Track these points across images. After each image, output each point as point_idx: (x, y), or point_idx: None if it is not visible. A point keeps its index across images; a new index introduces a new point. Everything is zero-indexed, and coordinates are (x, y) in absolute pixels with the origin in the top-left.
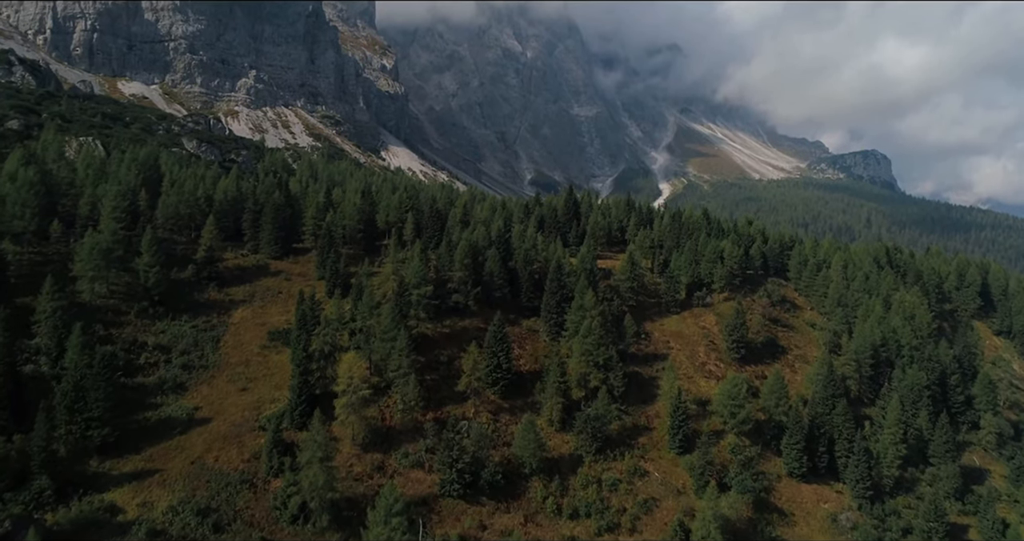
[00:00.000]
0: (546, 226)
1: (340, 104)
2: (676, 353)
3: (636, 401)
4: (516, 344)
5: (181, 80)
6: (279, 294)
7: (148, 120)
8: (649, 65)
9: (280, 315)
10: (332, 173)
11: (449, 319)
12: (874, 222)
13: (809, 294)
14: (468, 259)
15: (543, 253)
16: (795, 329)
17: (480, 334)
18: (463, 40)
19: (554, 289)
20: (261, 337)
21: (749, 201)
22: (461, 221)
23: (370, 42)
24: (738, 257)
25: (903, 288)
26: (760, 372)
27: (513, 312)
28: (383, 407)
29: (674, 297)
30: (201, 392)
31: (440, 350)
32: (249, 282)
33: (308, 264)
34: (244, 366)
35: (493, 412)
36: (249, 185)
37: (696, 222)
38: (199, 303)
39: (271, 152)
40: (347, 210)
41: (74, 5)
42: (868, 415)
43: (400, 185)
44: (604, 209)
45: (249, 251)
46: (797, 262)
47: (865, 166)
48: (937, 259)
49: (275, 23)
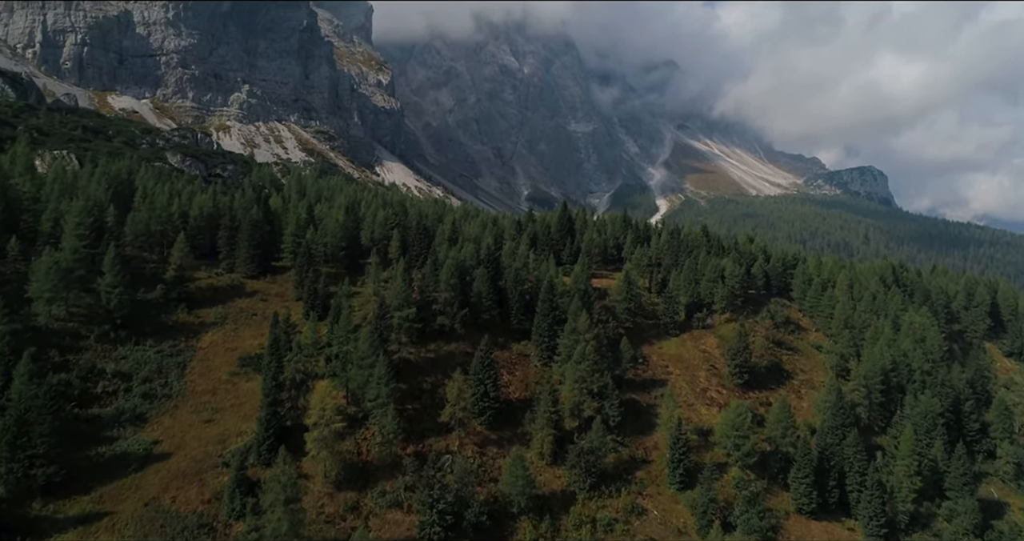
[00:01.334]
0: (539, 244)
1: (334, 119)
2: (675, 379)
3: (633, 431)
4: (505, 370)
5: (172, 94)
6: (253, 316)
7: (131, 134)
8: (646, 81)
9: (253, 339)
10: (321, 188)
11: (434, 343)
12: (872, 238)
13: (814, 315)
14: (455, 279)
15: (535, 272)
16: (800, 352)
17: (467, 359)
18: (460, 56)
19: (546, 311)
20: (231, 363)
21: (747, 217)
22: (449, 238)
23: (366, 58)
24: (740, 276)
25: (911, 308)
26: (764, 398)
27: (502, 335)
28: (360, 440)
29: (673, 318)
30: (162, 424)
31: (423, 377)
32: (222, 303)
33: (286, 284)
34: (211, 395)
35: (479, 444)
36: (226, 200)
37: (695, 239)
38: (166, 326)
39: (259, 167)
40: (329, 227)
41: (64, 19)
42: (879, 444)
43: (390, 201)
44: (600, 226)
45: (224, 270)
46: (801, 281)
47: (862, 182)
48: (944, 278)
49: (269, 38)
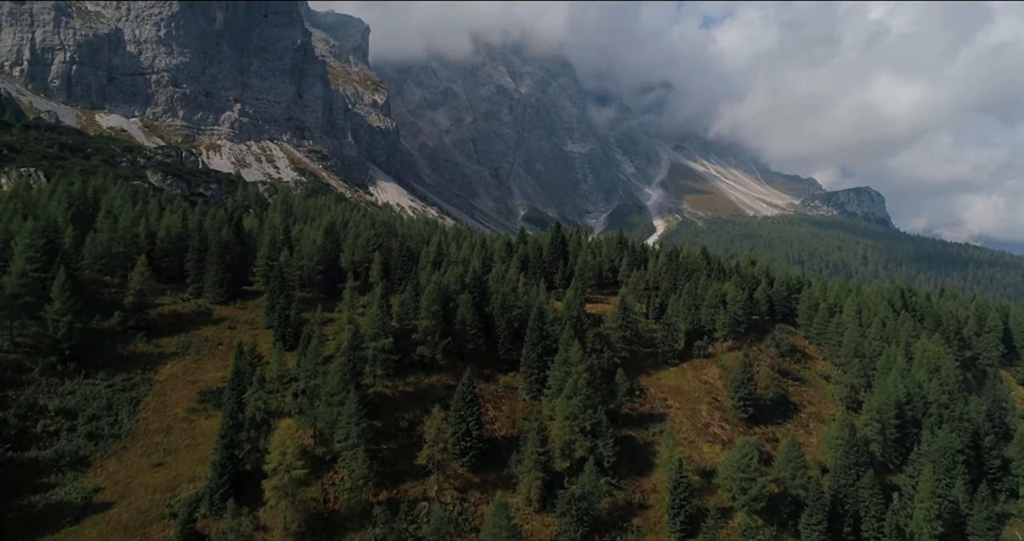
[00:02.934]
0: (530, 267)
1: (328, 138)
2: (675, 413)
3: (630, 472)
4: (491, 404)
5: (163, 113)
6: (219, 345)
7: (111, 151)
8: (642, 102)
9: (217, 371)
10: (308, 208)
11: (413, 375)
12: (870, 259)
13: (821, 342)
14: (436, 305)
15: (524, 298)
16: (807, 382)
17: (449, 393)
18: (457, 77)
19: (535, 340)
20: (190, 398)
21: (744, 238)
22: (434, 261)
23: (362, 78)
24: (742, 301)
25: (924, 335)
26: (771, 434)
27: (488, 366)
28: (327, 485)
29: (672, 347)
30: (106, 468)
31: (400, 413)
32: (185, 331)
33: (257, 310)
34: (164, 434)
35: (460, 489)
36: (195, 220)
37: (695, 262)
38: (121, 357)
39: (245, 186)
40: (306, 248)
41: (53, 36)
42: (895, 484)
43: (375, 221)
44: (594, 247)
45: (191, 295)
46: (806, 307)
47: (859, 203)
48: (954, 302)
49: (262, 57)
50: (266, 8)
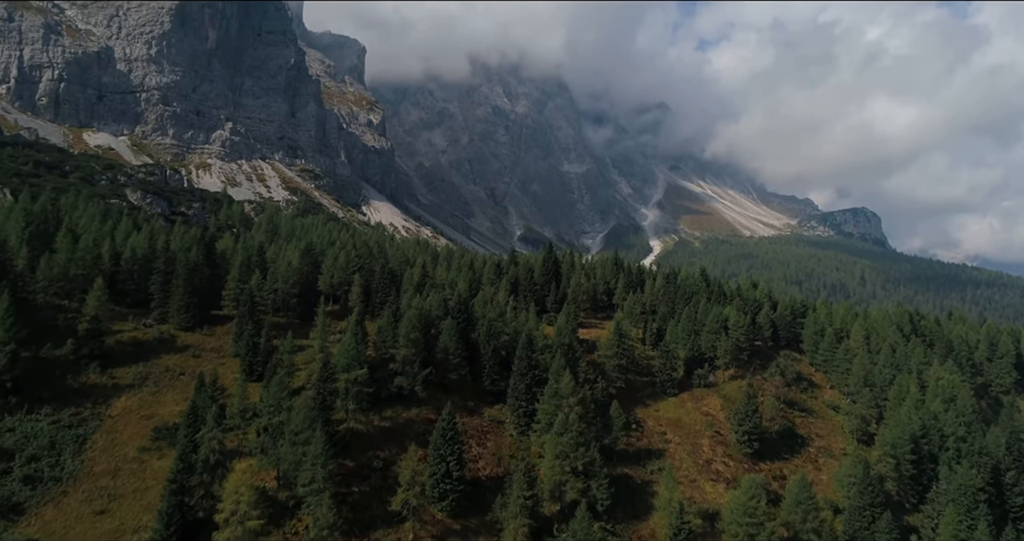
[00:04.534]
0: (521, 289)
1: (321, 158)
2: (675, 448)
3: (626, 516)
4: (474, 440)
5: (152, 131)
6: (181, 376)
7: (91, 169)
8: (638, 123)
9: (176, 404)
10: (295, 228)
11: (390, 409)
12: (868, 280)
13: (828, 370)
14: (417, 333)
15: (512, 323)
16: (815, 413)
17: (429, 428)
18: (453, 97)
19: (523, 370)
20: (144, 435)
21: (741, 258)
22: (419, 284)
23: (357, 98)
24: (744, 327)
25: (936, 362)
26: (778, 470)
27: (472, 398)
28: (289, 534)
29: (670, 375)
30: (42, 517)
31: (375, 451)
32: (145, 360)
33: (226, 337)
34: (111, 477)
35: (439, 537)
36: (163, 240)
37: (694, 284)
38: (71, 390)
39: (230, 204)
40: (281, 271)
41: (42, 54)
42: (913, 525)
43: (359, 241)
44: (588, 269)
45: (155, 321)
46: (812, 332)
47: (855, 223)
48: (963, 326)
49: (255, 76)
50: (260, 27)
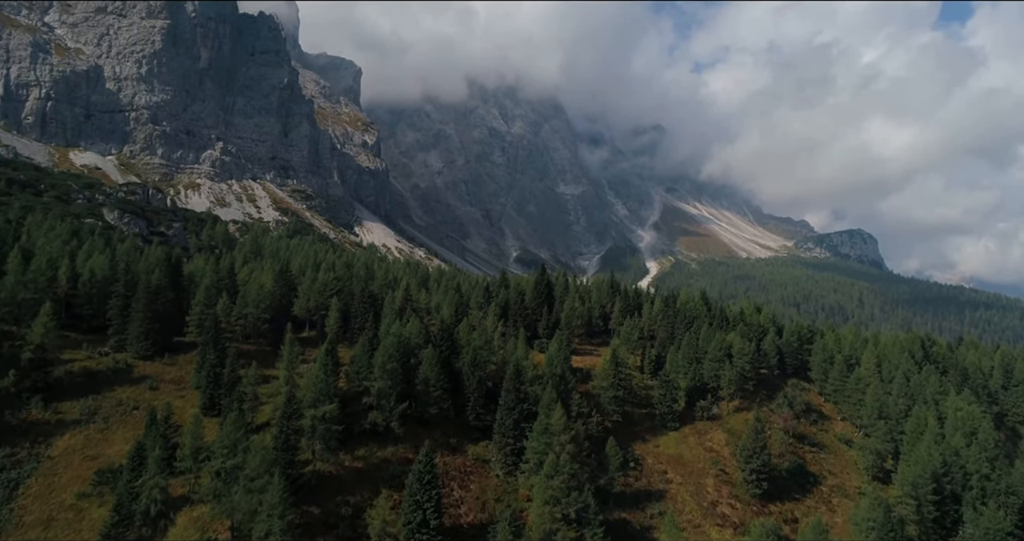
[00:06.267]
0: (511, 314)
1: (313, 178)
2: (677, 489)
3: None
4: (456, 482)
5: (140, 151)
6: (134, 410)
7: (67, 188)
8: (634, 145)
9: (126, 443)
10: (279, 248)
11: (364, 447)
12: (866, 302)
13: (839, 400)
14: (394, 363)
15: (500, 352)
16: (826, 448)
17: (406, 469)
18: (450, 119)
19: (511, 403)
20: (85, 479)
21: (738, 280)
22: (400, 308)
23: (352, 119)
24: (750, 354)
25: (951, 391)
26: (789, 512)
27: (455, 435)
28: None
29: (671, 407)
30: None
31: (345, 496)
32: (96, 393)
33: (188, 366)
34: (43, 528)
35: None
36: (124, 262)
37: (694, 308)
38: (8, 427)
39: (214, 224)
40: (251, 294)
41: (29, 72)
42: None
43: (339, 262)
44: (583, 292)
45: (111, 349)
46: (820, 359)
47: (852, 245)
48: (976, 352)
49: (248, 95)
50: (253, 47)
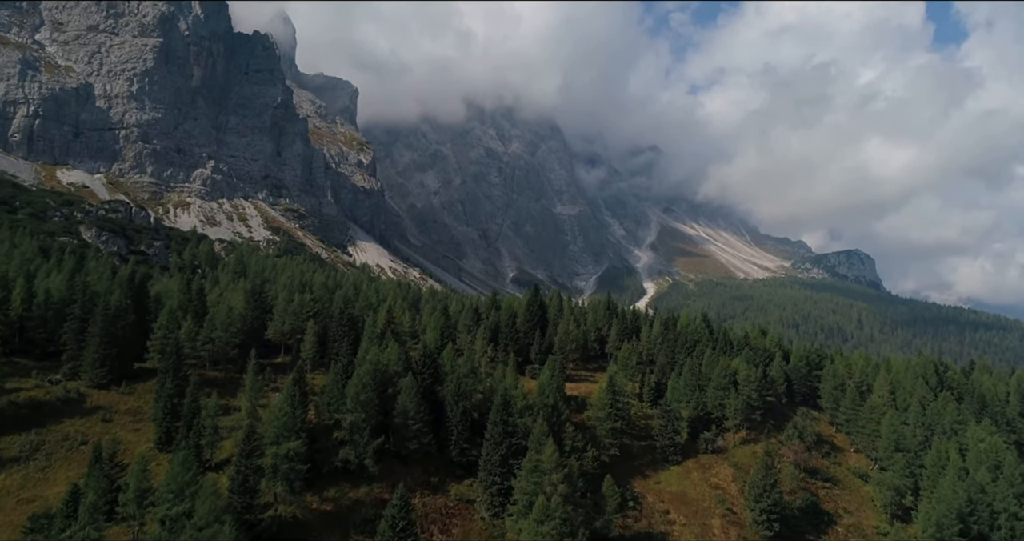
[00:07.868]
0: (502, 337)
1: (306, 197)
2: (680, 531)
3: None
4: (437, 525)
5: (130, 169)
6: (82, 445)
7: (44, 205)
8: (631, 165)
9: (68, 483)
10: (265, 268)
11: (334, 487)
12: (865, 323)
13: (851, 431)
14: (369, 392)
15: (487, 380)
16: (840, 483)
17: (381, 511)
18: (447, 139)
19: (498, 437)
20: (17, 525)
21: (736, 300)
22: (381, 332)
23: (348, 138)
24: (757, 381)
25: (970, 419)
26: None
27: (437, 472)
28: None
29: (673, 439)
30: None
31: None
32: (40, 426)
33: (148, 396)
34: None
35: None
36: (80, 283)
37: (695, 331)
38: None
39: (198, 243)
40: (220, 317)
41: (17, 90)
42: None
43: (316, 282)
44: (579, 314)
45: (64, 376)
46: (831, 386)
47: (849, 266)
48: (990, 377)
49: (241, 114)
50: (247, 66)
